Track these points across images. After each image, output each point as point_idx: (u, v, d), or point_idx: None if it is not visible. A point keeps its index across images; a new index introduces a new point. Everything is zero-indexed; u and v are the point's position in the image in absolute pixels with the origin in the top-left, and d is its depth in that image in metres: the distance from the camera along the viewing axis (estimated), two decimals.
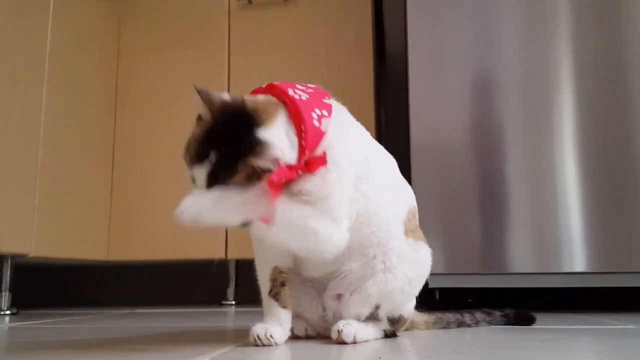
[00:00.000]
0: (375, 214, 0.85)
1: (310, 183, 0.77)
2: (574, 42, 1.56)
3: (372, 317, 0.88)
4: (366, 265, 0.85)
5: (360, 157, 0.86)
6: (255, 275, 0.88)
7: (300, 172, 0.75)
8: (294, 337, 0.89)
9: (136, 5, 2.25)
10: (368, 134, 0.93)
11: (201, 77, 2.12)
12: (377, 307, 0.87)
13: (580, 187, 1.49)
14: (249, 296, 2.12)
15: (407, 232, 0.90)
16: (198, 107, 0.78)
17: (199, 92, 0.76)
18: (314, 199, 0.77)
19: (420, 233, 0.94)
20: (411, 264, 0.88)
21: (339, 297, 0.87)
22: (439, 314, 1.07)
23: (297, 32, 2.08)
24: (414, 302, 0.94)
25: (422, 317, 1.05)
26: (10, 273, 1.70)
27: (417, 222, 0.95)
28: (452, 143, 1.57)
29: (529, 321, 1.10)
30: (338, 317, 0.87)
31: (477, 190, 1.54)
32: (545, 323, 1.15)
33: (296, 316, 0.89)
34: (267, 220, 0.73)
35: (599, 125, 1.51)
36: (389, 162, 0.95)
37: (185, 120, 2.11)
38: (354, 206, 0.83)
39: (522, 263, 1.49)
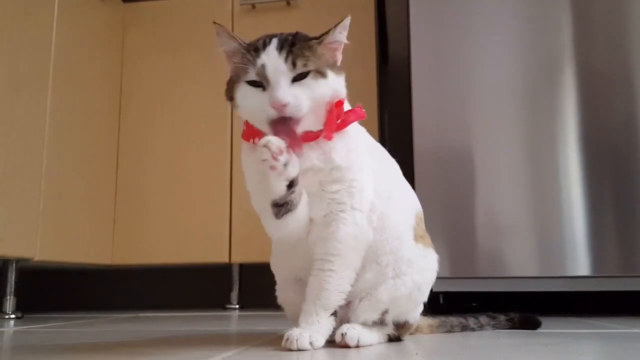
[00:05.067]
0: (387, 219, 0.86)
1: (336, 155, 0.81)
2: (577, 46, 1.56)
3: (378, 322, 0.88)
4: (379, 274, 0.86)
5: (370, 161, 0.87)
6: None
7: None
8: None
9: (140, 9, 2.26)
10: (373, 140, 0.94)
11: (205, 81, 2.13)
12: (384, 312, 0.87)
13: (584, 190, 1.49)
14: (252, 300, 2.13)
15: (417, 237, 0.91)
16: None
17: None
18: (340, 185, 0.81)
19: (428, 239, 0.94)
20: (420, 270, 0.89)
21: (347, 303, 0.87)
22: (443, 318, 1.07)
23: None
24: (421, 309, 0.94)
25: (426, 321, 1.04)
26: (15, 277, 1.71)
27: (424, 226, 0.95)
28: (455, 147, 1.57)
29: (534, 325, 1.09)
30: (345, 323, 0.87)
31: (481, 194, 1.54)
32: (550, 327, 1.14)
33: None
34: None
35: (602, 127, 1.51)
36: (394, 167, 0.95)
37: (189, 125, 2.13)
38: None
39: (526, 267, 1.48)
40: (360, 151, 0.85)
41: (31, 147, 1.68)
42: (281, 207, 0.79)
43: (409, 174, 1.47)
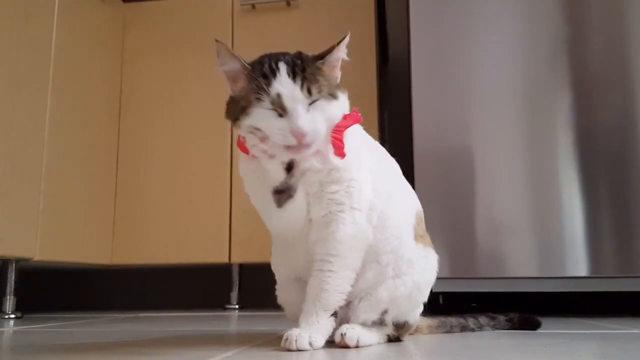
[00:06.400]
0: (388, 218, 0.86)
1: (334, 157, 0.81)
2: (577, 46, 1.56)
3: (378, 322, 0.88)
4: (379, 273, 0.86)
5: (369, 160, 0.87)
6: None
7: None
8: None
9: (140, 10, 2.26)
10: (372, 139, 0.94)
11: (205, 81, 2.13)
12: (384, 312, 0.87)
13: (584, 190, 1.49)
14: (252, 300, 2.13)
15: (417, 237, 0.91)
16: None
17: None
18: (339, 186, 0.82)
19: (428, 239, 0.94)
20: (420, 270, 0.89)
21: (347, 304, 0.87)
22: (443, 318, 1.07)
23: (300, 36, 2.09)
24: (421, 309, 0.94)
25: (426, 321, 1.05)
26: (15, 277, 1.71)
27: (424, 226, 0.95)
28: (455, 147, 1.57)
29: (534, 326, 1.09)
30: (345, 323, 0.87)
31: (481, 194, 1.54)
32: (549, 328, 1.14)
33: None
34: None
35: (602, 128, 1.51)
36: (394, 167, 0.95)
37: (189, 125, 2.13)
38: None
39: (525, 267, 1.48)
40: (359, 151, 0.85)
41: (31, 147, 1.68)
42: (282, 194, 0.81)
43: (409, 174, 1.47)
